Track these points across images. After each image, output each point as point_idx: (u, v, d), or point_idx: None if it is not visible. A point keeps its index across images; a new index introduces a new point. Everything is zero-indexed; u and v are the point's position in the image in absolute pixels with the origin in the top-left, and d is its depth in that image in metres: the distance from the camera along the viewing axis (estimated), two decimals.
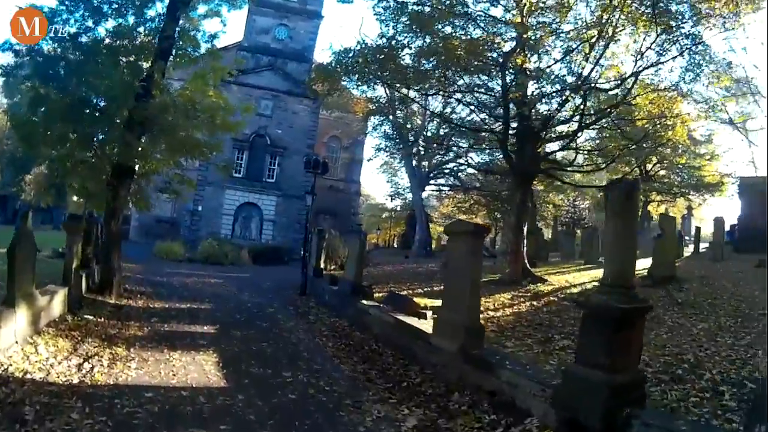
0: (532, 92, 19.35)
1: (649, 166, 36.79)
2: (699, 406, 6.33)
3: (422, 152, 41.50)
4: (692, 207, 43.64)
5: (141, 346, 9.49)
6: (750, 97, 21.49)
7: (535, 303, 14.82)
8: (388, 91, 34.42)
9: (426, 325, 10.82)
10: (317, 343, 11.67)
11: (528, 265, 19.61)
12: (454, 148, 33.21)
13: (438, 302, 13.52)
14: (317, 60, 42.76)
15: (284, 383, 8.09)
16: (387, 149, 45.13)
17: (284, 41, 44.73)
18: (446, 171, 44.93)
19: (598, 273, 20.13)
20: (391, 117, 38.37)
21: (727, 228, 29.16)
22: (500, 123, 21.08)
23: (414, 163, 41.31)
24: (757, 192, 28.92)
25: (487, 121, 23.21)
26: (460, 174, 45.33)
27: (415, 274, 24.09)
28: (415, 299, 13.79)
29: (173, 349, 9.49)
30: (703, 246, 29.90)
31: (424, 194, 48.89)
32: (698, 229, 32.47)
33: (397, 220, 60.44)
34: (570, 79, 18.54)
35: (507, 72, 18.41)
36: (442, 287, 18.07)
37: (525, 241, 19.62)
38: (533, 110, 19.65)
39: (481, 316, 10.81)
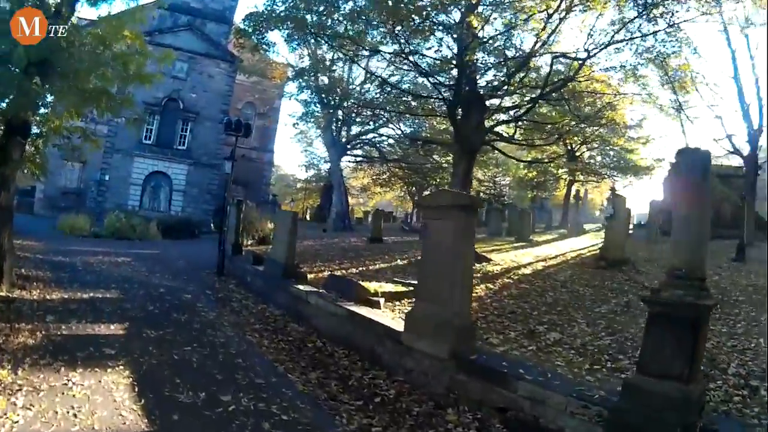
0: (478, 59, 18.28)
1: (574, 146, 36.75)
2: (747, 407, 5.73)
3: (342, 120, 39.65)
4: (615, 189, 43.84)
5: (32, 363, 6.95)
6: (690, 86, 21.46)
7: (490, 286, 13.29)
8: (312, 52, 32.66)
9: (388, 319, 9.16)
10: (250, 342, 9.53)
11: None
12: (385, 114, 31.04)
13: (388, 287, 11.92)
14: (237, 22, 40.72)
15: (227, 415, 5.92)
16: (307, 117, 43.36)
17: (204, 0, 41.81)
18: (365, 141, 43.45)
19: (538, 251, 20.18)
20: (313, 82, 36.24)
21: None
22: (442, 88, 19.77)
23: (334, 132, 39.35)
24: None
25: (427, 86, 22.03)
26: (380, 145, 43.80)
27: (341, 250, 22.19)
28: (362, 283, 11.77)
29: (73, 366, 7.02)
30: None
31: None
32: (628, 210, 32.47)
33: (310, 192, 58.49)
34: (509, 53, 18.14)
35: (462, 32, 16.93)
36: (378, 266, 16.89)
37: None
38: (479, 79, 19.08)
39: None
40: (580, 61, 17.22)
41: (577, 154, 38.06)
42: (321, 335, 10.11)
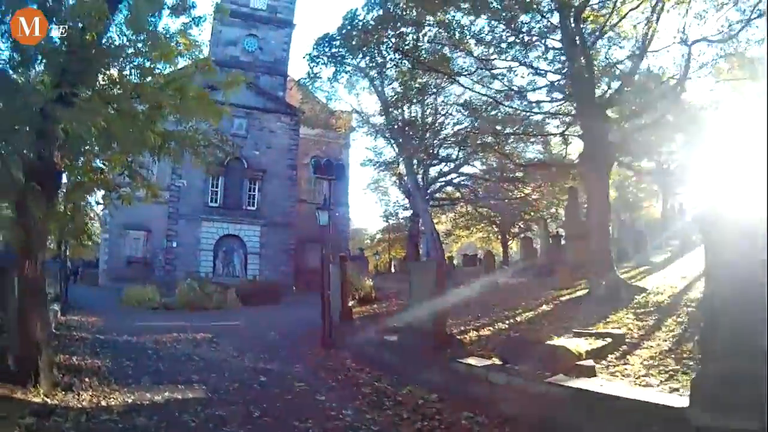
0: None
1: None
2: None
3: (422, 162, 36.44)
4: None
5: None
6: None
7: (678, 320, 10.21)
8: (380, 90, 30.12)
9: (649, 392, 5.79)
10: None
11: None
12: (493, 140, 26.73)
13: (582, 344, 8.10)
14: (291, 74, 39.32)
15: None
16: (380, 164, 40.94)
17: (254, 53, 40.25)
18: (447, 183, 40.38)
19: (677, 273, 16.32)
20: (386, 123, 33.51)
21: None
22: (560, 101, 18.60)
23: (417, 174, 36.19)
24: None
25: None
26: (463, 184, 41.00)
27: (460, 304, 18.28)
28: (559, 344, 7.91)
29: None
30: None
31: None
32: None
33: (392, 243, 54.90)
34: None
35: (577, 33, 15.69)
36: (524, 316, 13.37)
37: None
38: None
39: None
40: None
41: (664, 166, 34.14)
42: (517, 427, 6.59)
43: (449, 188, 42.40)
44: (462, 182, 40.58)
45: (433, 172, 39.21)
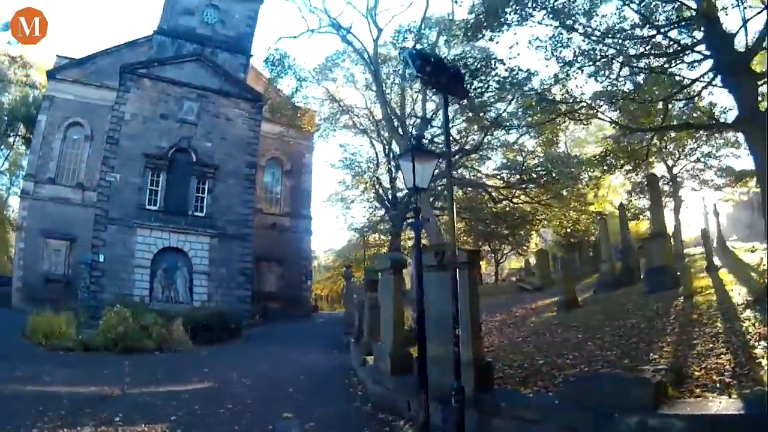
0: None
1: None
2: None
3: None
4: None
5: None
6: None
7: None
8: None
9: None
10: None
11: None
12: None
13: None
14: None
15: None
16: (355, 166, 35.05)
17: (214, 26, 33.79)
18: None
19: None
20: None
21: None
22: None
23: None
24: None
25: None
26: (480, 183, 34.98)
27: (557, 329, 12.38)
28: None
29: None
30: None
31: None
32: None
33: (359, 263, 47.66)
34: None
35: None
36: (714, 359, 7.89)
37: None
38: None
39: None
40: None
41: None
42: None
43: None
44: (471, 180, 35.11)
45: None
